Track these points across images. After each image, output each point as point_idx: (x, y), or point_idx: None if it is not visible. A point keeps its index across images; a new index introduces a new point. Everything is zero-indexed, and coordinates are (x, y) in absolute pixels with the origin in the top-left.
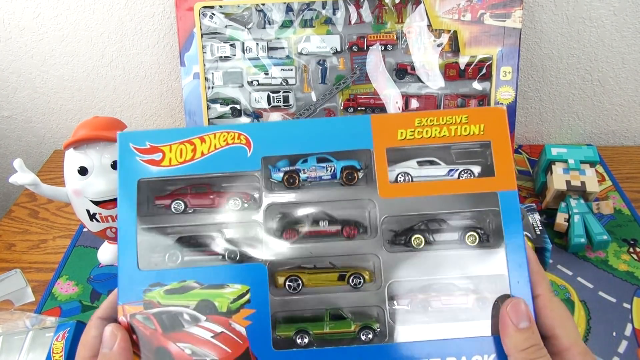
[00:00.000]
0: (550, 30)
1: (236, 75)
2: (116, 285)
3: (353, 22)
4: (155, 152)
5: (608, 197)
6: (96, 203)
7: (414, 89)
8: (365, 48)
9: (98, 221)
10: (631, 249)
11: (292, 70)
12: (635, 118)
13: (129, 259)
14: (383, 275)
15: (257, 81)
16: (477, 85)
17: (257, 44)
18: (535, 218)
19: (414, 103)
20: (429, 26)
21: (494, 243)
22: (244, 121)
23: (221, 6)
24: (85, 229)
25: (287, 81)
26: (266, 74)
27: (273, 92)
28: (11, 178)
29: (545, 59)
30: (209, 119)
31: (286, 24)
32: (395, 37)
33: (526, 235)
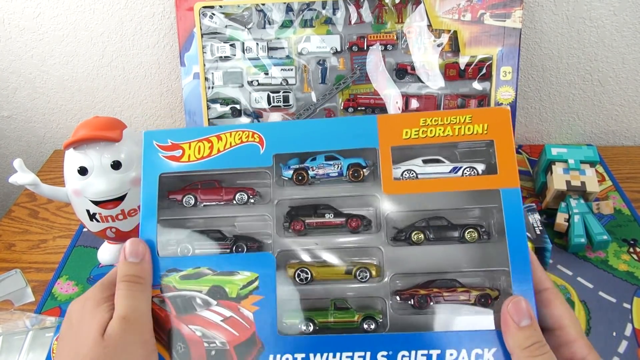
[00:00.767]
0: (550, 30)
1: (236, 75)
2: None
3: (353, 22)
4: (175, 149)
5: (608, 197)
6: (96, 203)
7: (414, 89)
8: (365, 48)
9: (98, 221)
10: (631, 249)
11: (292, 70)
12: (635, 118)
13: (150, 246)
14: (386, 269)
15: (257, 81)
16: (477, 85)
17: (257, 44)
18: (535, 218)
19: (414, 103)
20: (429, 26)
21: (496, 239)
22: (244, 121)
23: (221, 6)
24: (85, 229)
25: (287, 81)
26: (266, 74)
27: (273, 92)
28: (11, 178)
29: (545, 59)
30: (209, 119)
31: (286, 24)
32: (395, 37)
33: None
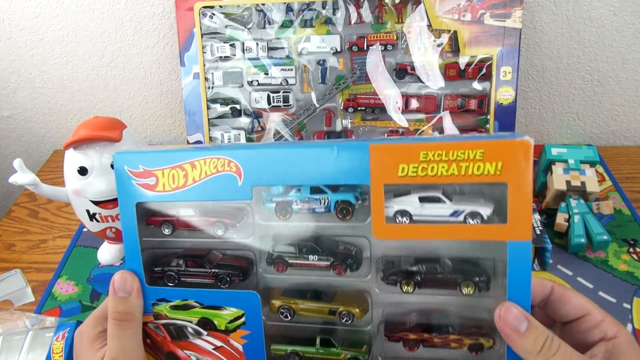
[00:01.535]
0: (550, 30)
1: (236, 75)
2: None
3: (353, 22)
4: (149, 177)
5: (608, 197)
6: (96, 203)
7: (414, 89)
8: (365, 48)
9: (98, 221)
10: (631, 249)
11: (292, 70)
12: (635, 118)
13: (138, 276)
14: (373, 313)
15: (257, 81)
16: (477, 85)
17: (257, 44)
18: (535, 218)
19: (414, 103)
20: (429, 26)
21: (495, 293)
22: (244, 121)
23: (221, 6)
24: (85, 229)
25: (287, 81)
26: (266, 74)
27: (273, 92)
28: (11, 178)
29: (545, 59)
30: (209, 119)
31: (286, 24)
32: (395, 37)
33: None
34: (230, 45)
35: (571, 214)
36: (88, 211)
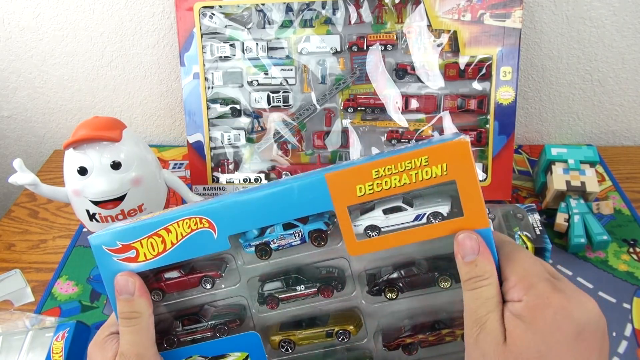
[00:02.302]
0: (550, 30)
1: (236, 75)
2: None
3: (353, 22)
4: (128, 250)
5: (608, 197)
6: (96, 203)
7: (414, 89)
8: (365, 48)
9: (98, 221)
10: (631, 249)
11: (292, 70)
12: (635, 118)
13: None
14: (367, 325)
15: (257, 81)
16: (477, 85)
17: (257, 44)
18: (535, 218)
19: (414, 103)
20: (429, 26)
21: None
22: (244, 121)
23: (221, 6)
24: (85, 229)
25: (287, 81)
26: (266, 74)
27: (273, 92)
28: (11, 178)
29: (545, 59)
30: (209, 119)
31: (286, 24)
32: (395, 37)
33: (526, 235)
34: (230, 45)
35: (571, 214)
36: (88, 211)
